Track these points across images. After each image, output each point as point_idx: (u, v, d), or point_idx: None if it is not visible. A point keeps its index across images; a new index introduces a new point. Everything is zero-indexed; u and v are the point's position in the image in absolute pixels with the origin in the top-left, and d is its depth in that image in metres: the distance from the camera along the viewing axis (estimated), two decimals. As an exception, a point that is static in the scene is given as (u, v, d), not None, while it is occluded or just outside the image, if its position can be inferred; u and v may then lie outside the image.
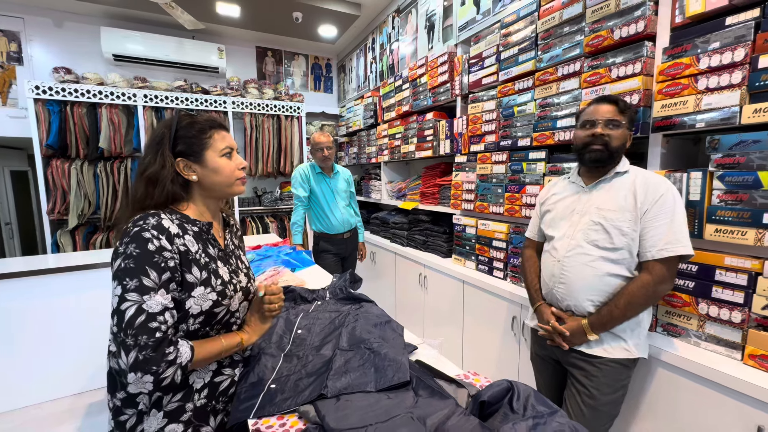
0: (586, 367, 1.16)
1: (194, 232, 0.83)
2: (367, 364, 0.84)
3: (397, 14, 3.17)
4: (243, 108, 3.66)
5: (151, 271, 0.72)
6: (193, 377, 0.81)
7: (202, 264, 0.81)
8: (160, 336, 0.70)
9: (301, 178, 2.56)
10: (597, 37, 1.45)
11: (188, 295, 0.78)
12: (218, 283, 0.83)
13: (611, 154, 1.16)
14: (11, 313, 2.07)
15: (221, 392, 0.86)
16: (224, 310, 0.84)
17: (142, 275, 0.71)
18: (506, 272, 1.95)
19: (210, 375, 0.84)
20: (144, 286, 0.71)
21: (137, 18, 3.46)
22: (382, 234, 3.32)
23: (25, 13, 3.23)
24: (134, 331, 0.68)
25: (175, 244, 0.77)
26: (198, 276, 0.79)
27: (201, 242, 0.84)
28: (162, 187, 0.81)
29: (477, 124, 2.11)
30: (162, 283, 0.73)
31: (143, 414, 0.78)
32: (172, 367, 0.70)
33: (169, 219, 0.79)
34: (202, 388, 0.83)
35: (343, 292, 1.45)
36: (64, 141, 3.07)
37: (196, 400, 0.81)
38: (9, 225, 4.34)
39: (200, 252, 0.82)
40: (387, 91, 3.17)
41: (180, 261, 0.77)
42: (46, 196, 3.06)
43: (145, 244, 0.73)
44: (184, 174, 0.84)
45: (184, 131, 0.84)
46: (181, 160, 0.84)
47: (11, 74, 3.23)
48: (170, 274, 0.74)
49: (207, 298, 0.80)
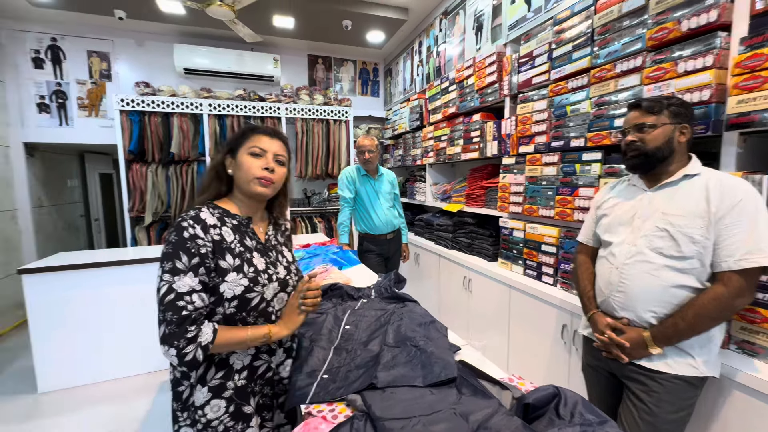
0: (647, 382, 1.09)
1: (233, 225, 0.92)
2: (415, 360, 0.87)
3: (445, 16, 3.17)
4: (295, 114, 3.86)
5: (183, 256, 0.81)
6: (233, 358, 0.88)
7: (236, 252, 0.88)
8: (185, 314, 0.78)
9: (347, 180, 2.66)
10: (661, 30, 1.35)
11: (222, 279, 0.85)
12: (251, 270, 0.89)
13: (650, 157, 1.11)
14: (97, 297, 2.38)
15: (259, 375, 0.92)
16: (258, 296, 0.90)
17: (176, 259, 0.80)
18: (556, 278, 1.87)
19: (249, 358, 0.91)
20: (176, 269, 0.80)
21: (204, 34, 3.80)
22: (426, 236, 3.33)
23: (114, 36, 3.69)
24: (164, 307, 0.78)
25: (210, 234, 0.85)
26: (231, 263, 0.86)
27: (239, 234, 0.91)
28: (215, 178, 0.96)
29: (526, 124, 2.05)
30: (191, 267, 0.81)
31: (193, 387, 0.87)
32: (191, 345, 0.77)
33: (209, 212, 0.89)
34: (242, 369, 0.89)
35: (388, 292, 1.49)
36: (143, 147, 3.45)
37: (236, 380, 0.88)
38: (98, 221, 4.96)
39: (236, 242, 0.89)
40: (433, 93, 3.18)
41: (213, 249, 0.85)
42: (128, 196, 3.46)
43: (181, 232, 0.83)
44: (228, 169, 0.96)
45: (235, 134, 0.98)
46: (228, 156, 0.96)
47: (102, 89, 3.70)
48: (200, 260, 0.82)
49: (239, 283, 0.86)
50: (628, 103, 1.23)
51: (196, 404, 0.86)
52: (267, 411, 0.96)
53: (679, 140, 1.09)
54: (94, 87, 3.68)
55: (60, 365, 2.35)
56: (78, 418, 2.12)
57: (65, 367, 2.36)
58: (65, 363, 2.35)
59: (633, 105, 1.17)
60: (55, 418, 2.12)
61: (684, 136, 1.09)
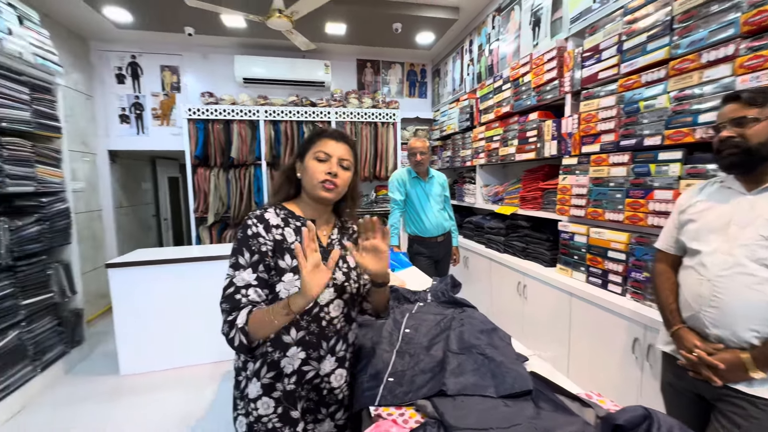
0: (745, 406, 0.97)
1: (296, 226, 0.94)
2: (483, 369, 0.85)
3: (498, 13, 3.07)
4: (344, 117, 3.95)
5: (245, 252, 0.85)
6: (283, 362, 0.89)
7: (294, 254, 0.88)
8: (236, 305, 0.82)
9: (398, 182, 2.66)
10: (760, 13, 1.20)
11: (279, 279, 0.87)
12: None
13: (752, 154, 0.98)
14: (170, 290, 2.60)
15: (307, 381, 0.91)
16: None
17: (239, 255, 0.86)
18: (625, 287, 1.74)
19: (299, 362, 0.89)
20: (238, 264, 0.85)
21: (260, 45, 4.02)
22: (475, 239, 3.25)
23: (183, 51, 4.02)
24: (223, 299, 0.84)
25: (272, 233, 0.88)
26: (289, 263, 0.88)
27: (300, 236, 0.91)
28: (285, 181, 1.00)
29: (591, 122, 1.92)
30: (251, 263, 0.85)
31: (249, 379, 0.91)
32: (233, 330, 0.80)
33: (274, 213, 0.92)
34: (292, 374, 0.89)
35: (445, 296, 1.47)
36: (206, 152, 3.72)
37: (285, 383, 0.89)
38: (166, 220, 5.43)
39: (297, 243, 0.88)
40: (485, 92, 3.10)
41: (274, 248, 0.88)
42: (194, 197, 3.74)
43: (246, 229, 0.88)
44: (296, 170, 0.99)
45: (305, 138, 1.00)
46: (298, 160, 0.99)
47: (172, 101, 4.05)
48: (260, 257, 0.85)
49: (294, 284, 0.87)
50: (723, 96, 1.10)
51: (250, 396, 0.90)
52: (310, 414, 0.95)
53: None
54: (165, 98, 4.04)
55: (139, 351, 2.60)
56: (154, 399, 2.32)
57: (143, 353, 2.60)
58: (143, 349, 2.60)
59: (730, 97, 1.05)
60: (134, 399, 2.34)
61: None
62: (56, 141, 2.66)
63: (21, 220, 2.28)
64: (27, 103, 2.33)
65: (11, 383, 2.16)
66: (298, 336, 0.89)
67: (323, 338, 0.92)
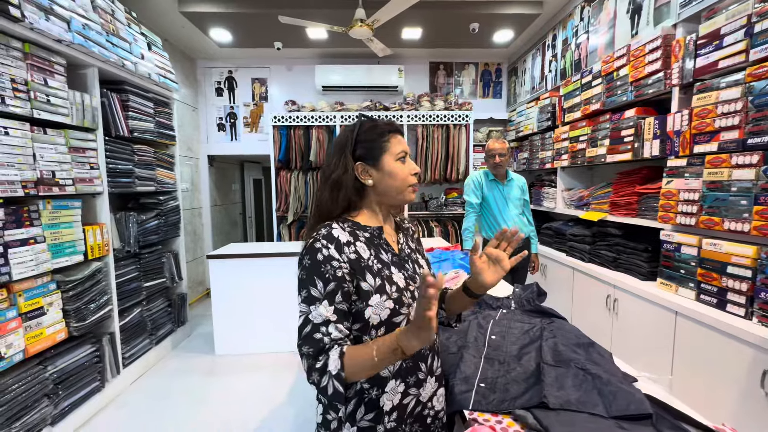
0: None
1: (366, 238, 0.80)
2: (586, 385, 0.80)
3: (588, 3, 2.85)
4: (416, 120, 3.98)
5: (318, 281, 0.72)
6: (383, 399, 0.76)
7: (375, 270, 0.77)
8: (321, 346, 0.69)
9: (474, 185, 2.60)
10: None
11: (366, 304, 0.74)
12: (393, 290, 0.77)
13: None
14: (258, 281, 2.86)
15: (409, 413, 0.79)
16: (404, 319, 0.77)
17: (310, 285, 0.72)
18: (751, 309, 1.49)
19: (399, 396, 0.78)
20: (311, 297, 0.71)
21: (337, 54, 4.24)
22: (555, 246, 3.04)
23: (271, 64, 4.41)
24: (302, 341, 0.71)
25: (345, 253, 0.74)
26: (372, 283, 0.75)
27: (373, 248, 0.80)
28: (345, 191, 0.81)
29: (706, 118, 1.68)
30: (326, 294, 0.71)
31: (341, 422, 0.78)
32: (324, 377, 0.67)
33: (340, 228, 0.78)
34: (392, 410, 0.77)
35: (531, 304, 1.40)
36: (288, 156, 4.03)
37: (386, 422, 0.76)
38: (251, 218, 5.98)
39: (372, 258, 0.78)
40: (570, 89, 2.89)
41: (353, 269, 0.74)
42: (276, 197, 4.07)
43: (315, 254, 0.73)
44: (361, 178, 0.82)
45: (364, 135, 0.83)
46: (360, 164, 0.82)
47: (261, 109, 4.47)
48: (336, 285, 0.72)
49: (384, 306, 0.74)
50: None
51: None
52: None
53: None
54: (255, 108, 4.46)
55: (231, 334, 2.90)
56: (244, 379, 2.58)
57: (235, 337, 2.90)
58: (235, 333, 2.90)
59: None
60: (227, 377, 2.62)
61: None
62: (171, 147, 3.09)
63: (145, 215, 2.69)
64: (152, 116, 2.75)
65: (135, 353, 2.56)
66: (396, 367, 0.77)
67: (420, 360, 0.80)
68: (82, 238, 2.07)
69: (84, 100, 2.10)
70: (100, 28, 2.20)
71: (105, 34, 2.24)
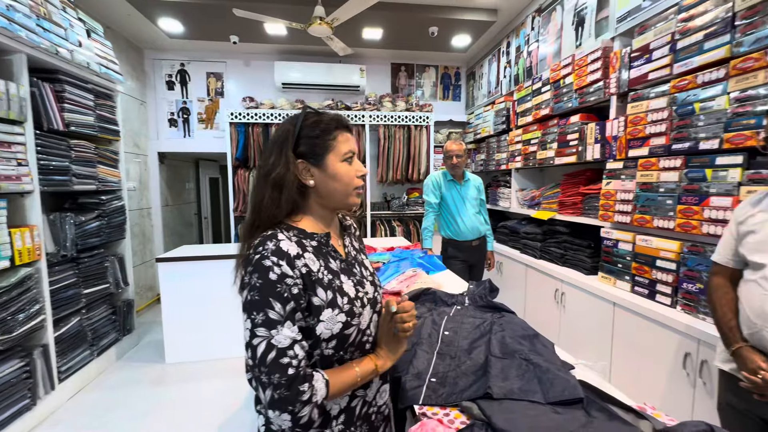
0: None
1: (313, 247, 0.75)
2: (528, 375, 0.84)
3: (538, 14, 3.01)
4: (378, 120, 4.01)
5: (275, 303, 0.66)
6: (330, 404, 0.74)
7: (325, 283, 0.72)
8: (292, 373, 0.64)
9: (433, 186, 2.66)
10: (838, 7, 1.11)
11: (317, 320, 0.70)
12: (345, 301, 0.73)
13: None
14: (212, 285, 2.73)
15: (357, 416, 0.78)
16: (355, 330, 0.75)
17: (267, 308, 0.66)
18: (676, 299, 1.65)
19: (346, 400, 0.76)
20: (271, 320, 0.66)
21: (299, 51, 4.16)
22: (510, 244, 3.18)
23: (227, 58, 4.24)
24: (267, 368, 0.64)
25: (297, 268, 0.69)
26: (324, 297, 0.71)
27: (322, 257, 0.75)
28: (288, 192, 0.74)
29: (639, 125, 1.84)
30: (287, 315, 0.67)
31: None
32: (307, 406, 0.64)
33: (287, 238, 0.71)
34: (339, 414, 0.75)
35: (483, 300, 1.45)
36: (246, 154, 3.89)
37: (333, 426, 0.74)
38: (206, 219, 5.71)
39: (322, 269, 0.73)
40: (523, 95, 3.04)
41: (304, 285, 0.70)
42: (233, 197, 3.92)
43: (266, 273, 0.67)
44: (301, 178, 0.75)
45: (308, 130, 0.75)
46: (302, 162, 0.75)
47: (216, 105, 4.28)
48: (294, 304, 0.68)
49: (336, 320, 0.71)
50: None
51: None
52: None
53: None
54: (210, 103, 4.27)
55: (183, 341, 2.75)
56: (196, 388, 2.45)
57: (187, 343, 2.76)
58: (188, 339, 2.75)
59: None
60: (178, 386, 2.49)
61: None
62: (115, 143, 2.88)
63: (84, 215, 2.48)
64: (92, 109, 2.54)
65: (73, 365, 2.35)
66: None
67: None
68: (8, 242, 1.87)
69: (9, 89, 1.89)
70: (29, 11, 2.00)
71: (35, 18, 2.04)
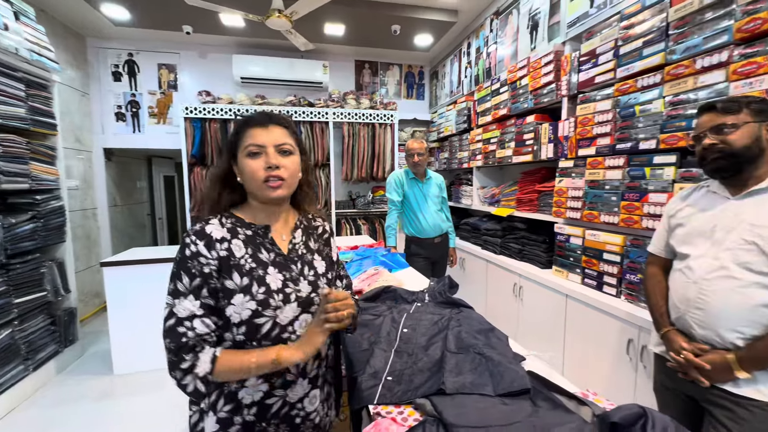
0: (733, 408, 0.99)
1: (247, 235, 0.79)
2: (481, 368, 0.86)
3: (496, 16, 3.10)
4: (342, 118, 3.96)
5: (184, 276, 0.73)
6: (242, 393, 0.77)
7: (245, 270, 0.76)
8: (183, 341, 0.70)
9: (395, 183, 2.67)
10: (753, 21, 1.23)
11: (228, 302, 0.74)
12: (261, 291, 0.76)
13: (737, 157, 1.01)
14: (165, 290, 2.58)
15: (273, 414, 0.79)
16: (269, 321, 0.76)
17: (177, 279, 0.73)
18: (620, 289, 1.76)
19: (261, 395, 0.78)
20: (177, 291, 0.73)
21: (259, 44, 4.01)
22: (472, 240, 3.26)
23: (181, 49, 4.01)
24: (165, 333, 0.72)
25: (215, 250, 0.74)
26: (239, 282, 0.75)
27: (252, 246, 0.79)
28: (220, 187, 0.82)
29: (587, 126, 1.95)
30: (192, 289, 0.72)
31: (204, 413, 0.79)
32: (189, 376, 0.69)
33: (219, 223, 0.78)
34: (251, 405, 0.78)
35: (443, 296, 1.48)
36: (203, 151, 3.71)
37: (244, 415, 0.77)
38: (161, 219, 5.39)
39: (247, 257, 0.77)
40: (483, 95, 3.12)
41: (219, 267, 0.74)
42: (189, 196, 3.73)
43: (183, 250, 0.74)
44: (236, 174, 0.82)
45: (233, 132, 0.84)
46: (232, 162, 0.83)
47: (169, 99, 4.04)
48: (201, 281, 0.73)
49: (245, 306, 0.74)
50: (698, 106, 1.13)
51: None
52: None
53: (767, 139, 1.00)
54: (162, 97, 4.02)
55: (132, 350, 2.57)
56: (147, 400, 2.31)
57: (137, 353, 2.58)
58: (137, 349, 2.58)
59: (705, 108, 1.09)
60: (128, 399, 2.32)
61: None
62: (51, 138, 2.64)
63: (15, 217, 2.25)
64: (23, 100, 2.31)
65: (3, 382, 2.13)
66: None
67: None
68: None
69: None
70: (-59, -13, 1.78)
71: (-52, -4, 1.82)
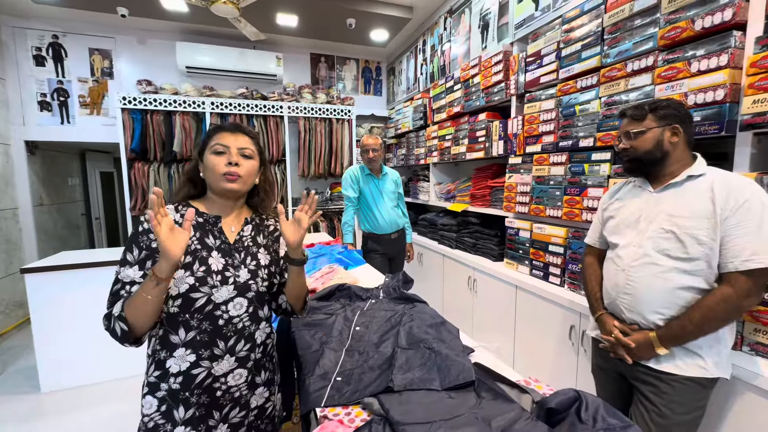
0: (656, 383, 1.09)
1: (198, 222, 0.92)
2: (430, 363, 0.86)
3: (450, 15, 3.15)
4: (297, 112, 3.84)
5: (134, 249, 0.85)
6: (169, 362, 0.86)
7: (189, 250, 0.87)
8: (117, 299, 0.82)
9: (351, 180, 2.64)
10: (674, 29, 1.34)
11: None
12: (201, 269, 0.87)
13: (642, 161, 1.14)
14: (99, 297, 2.36)
15: (197, 385, 0.86)
16: (204, 297, 0.86)
17: (128, 251, 0.85)
18: (564, 278, 1.86)
19: (187, 366, 0.86)
20: (126, 260, 0.85)
21: (206, 32, 3.78)
22: (429, 235, 3.32)
23: (116, 33, 3.66)
24: (110, 295, 0.84)
25: None
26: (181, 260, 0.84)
27: (201, 231, 0.91)
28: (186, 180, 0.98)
29: (534, 124, 2.04)
30: (138, 261, 0.84)
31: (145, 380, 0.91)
32: (111, 320, 0.80)
33: (174, 209, 0.92)
34: (177, 374, 0.86)
35: (397, 292, 1.48)
36: (145, 145, 3.43)
37: (171, 383, 0.86)
38: (98, 219, 4.93)
39: (194, 239, 0.89)
40: (438, 92, 3.17)
41: None
42: (130, 194, 3.44)
43: (138, 227, 0.87)
44: (200, 171, 0.96)
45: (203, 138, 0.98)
46: (199, 159, 0.97)
47: (104, 87, 3.68)
48: (148, 254, 0.84)
49: (184, 281, 0.85)
50: (618, 112, 1.25)
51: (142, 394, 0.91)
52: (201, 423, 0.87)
53: (671, 141, 1.10)
54: (96, 85, 3.66)
55: (63, 365, 2.33)
56: (80, 417, 2.10)
57: (68, 367, 2.34)
58: (68, 363, 2.33)
59: (621, 113, 1.21)
60: (58, 418, 2.10)
61: (677, 137, 1.09)
62: (-45, 128, 2.30)
63: None
64: None
65: None
66: (188, 337, 0.86)
67: (219, 337, 0.88)
68: None
69: None
70: None
71: None
